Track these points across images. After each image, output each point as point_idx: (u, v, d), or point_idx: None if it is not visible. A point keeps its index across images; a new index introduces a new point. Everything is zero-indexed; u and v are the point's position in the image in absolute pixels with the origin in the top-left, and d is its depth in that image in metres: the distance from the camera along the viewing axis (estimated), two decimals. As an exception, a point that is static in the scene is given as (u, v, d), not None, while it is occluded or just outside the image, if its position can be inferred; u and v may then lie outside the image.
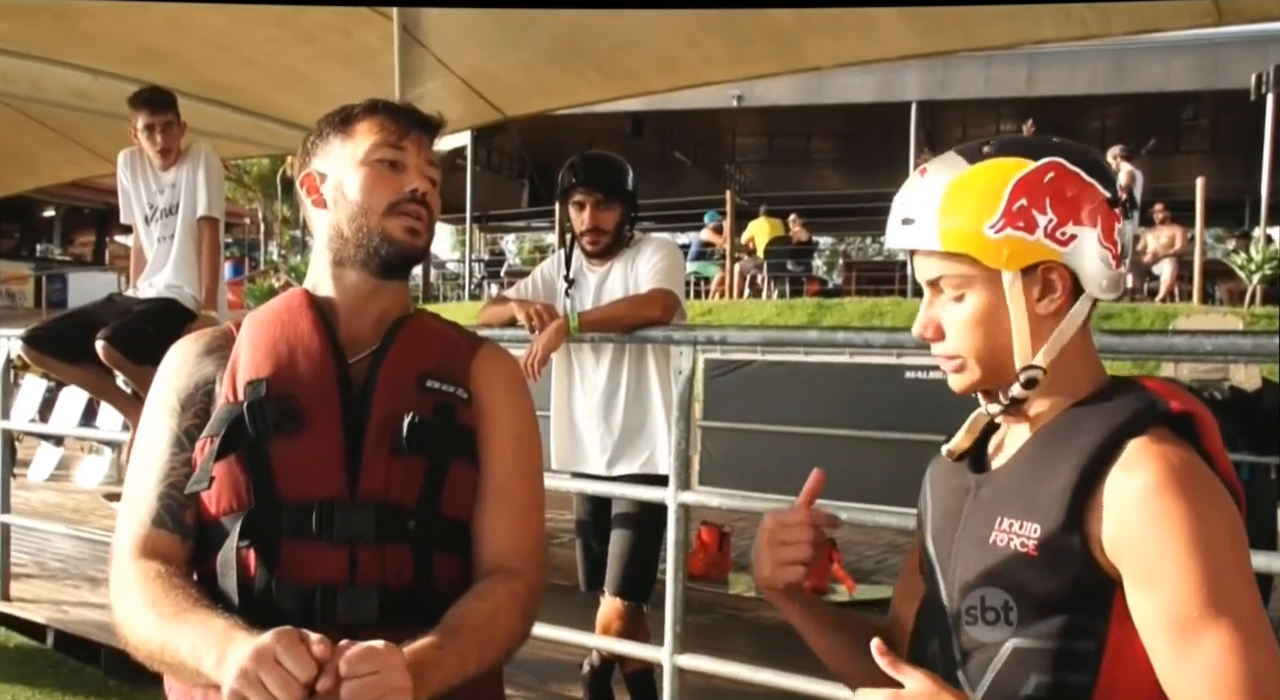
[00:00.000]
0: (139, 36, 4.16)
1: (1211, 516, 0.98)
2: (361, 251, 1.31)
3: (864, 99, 15.01)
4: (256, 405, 1.23)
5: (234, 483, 1.22)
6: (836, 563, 4.55)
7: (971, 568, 1.09)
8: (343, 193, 1.32)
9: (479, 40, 4.46)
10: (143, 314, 3.51)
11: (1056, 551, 1.03)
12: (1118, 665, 1.02)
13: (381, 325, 1.33)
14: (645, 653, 2.70)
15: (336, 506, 1.22)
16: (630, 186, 2.87)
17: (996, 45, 4.45)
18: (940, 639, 1.13)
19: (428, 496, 1.25)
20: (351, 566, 1.21)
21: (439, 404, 1.28)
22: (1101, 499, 1.02)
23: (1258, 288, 11.37)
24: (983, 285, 1.09)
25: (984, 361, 1.11)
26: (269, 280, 15.86)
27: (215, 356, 1.31)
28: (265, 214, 22.57)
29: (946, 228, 1.08)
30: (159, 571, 1.20)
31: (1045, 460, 1.07)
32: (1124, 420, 1.04)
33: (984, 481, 1.13)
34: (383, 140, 1.32)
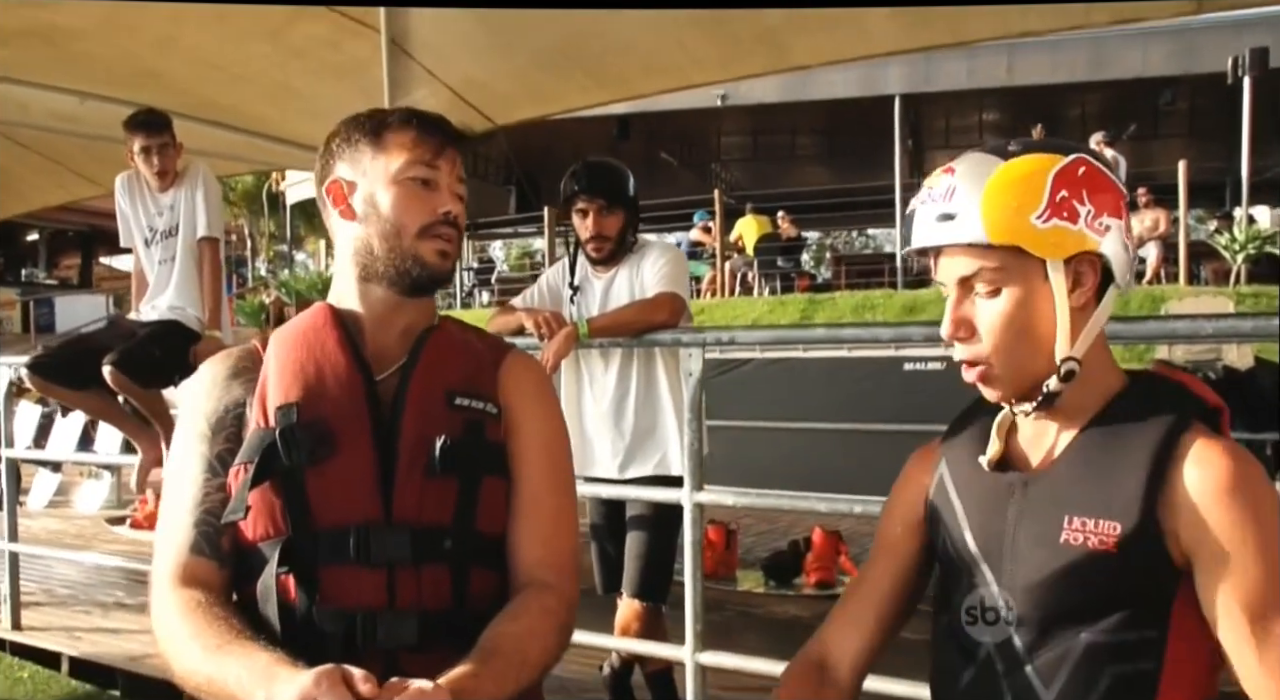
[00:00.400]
0: (128, 58, 4.16)
1: (1275, 510, 1.06)
2: (391, 270, 1.30)
3: (847, 94, 15.03)
4: (289, 432, 1.22)
5: (269, 510, 1.22)
6: (844, 556, 4.59)
7: (1040, 567, 1.11)
8: (375, 208, 1.31)
9: (467, 49, 4.47)
10: (147, 337, 3.51)
11: (1136, 547, 1.07)
12: (1181, 650, 1.07)
13: (407, 338, 1.32)
14: (667, 652, 2.73)
15: (372, 530, 1.22)
16: (632, 192, 2.90)
17: (982, 38, 4.48)
18: (997, 637, 1.14)
19: (462, 515, 1.25)
20: (390, 590, 1.21)
21: (469, 422, 1.28)
22: (1174, 495, 1.06)
23: (1242, 267, 11.46)
24: (1019, 279, 1.11)
25: (1015, 363, 1.13)
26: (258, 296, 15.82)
27: (243, 379, 1.31)
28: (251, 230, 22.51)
29: (993, 220, 1.09)
30: (200, 601, 1.20)
31: (1106, 459, 1.10)
32: (1177, 417, 1.10)
33: (1031, 481, 1.15)
34: (417, 157, 1.31)
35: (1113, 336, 2.15)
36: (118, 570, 4.84)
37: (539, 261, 19.23)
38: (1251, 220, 12.40)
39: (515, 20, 4.16)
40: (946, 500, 1.22)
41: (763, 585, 4.59)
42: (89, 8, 3.77)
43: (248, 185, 21.53)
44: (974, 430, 1.24)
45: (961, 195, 1.11)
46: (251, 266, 21.28)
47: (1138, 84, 14.76)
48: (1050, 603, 1.10)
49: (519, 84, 4.65)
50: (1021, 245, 1.09)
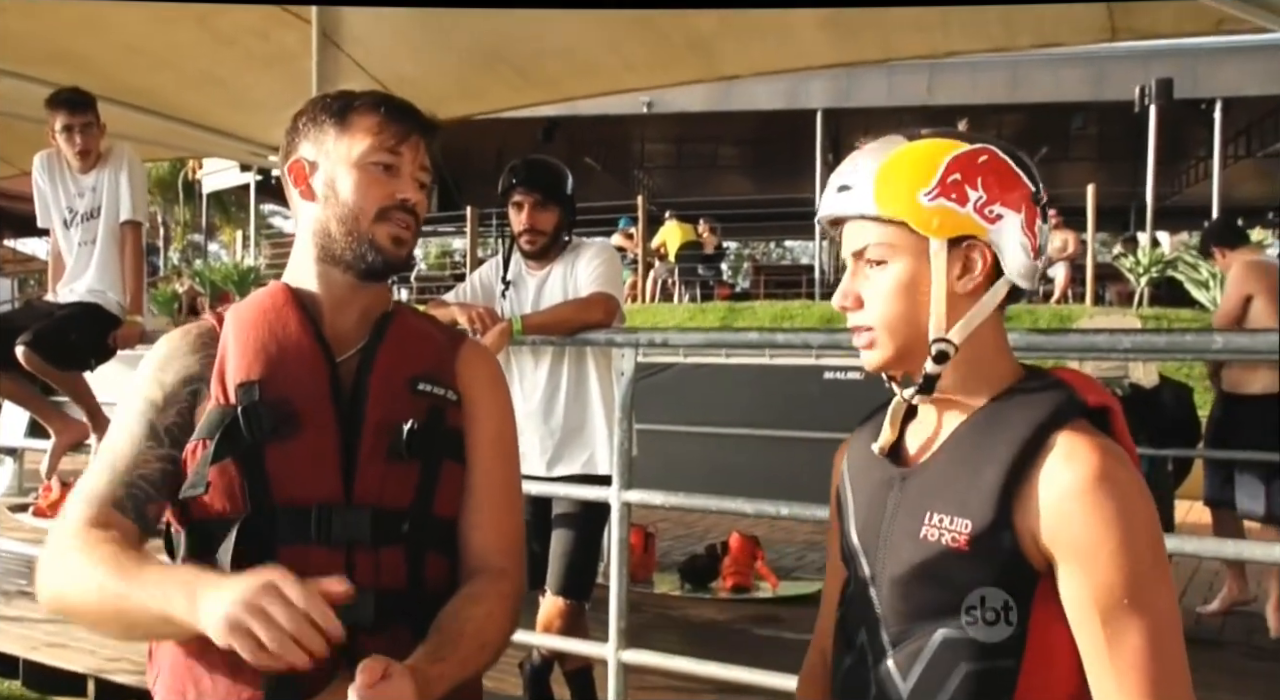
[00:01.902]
0: (49, 37, 4.05)
1: (1141, 509, 1.05)
2: (348, 253, 1.30)
3: (771, 106, 15.21)
4: (252, 409, 1.22)
5: (228, 486, 1.21)
6: (760, 561, 4.65)
7: (902, 561, 1.12)
8: (334, 190, 1.30)
9: (400, 44, 4.44)
10: (64, 319, 3.43)
11: (987, 545, 1.06)
12: (1041, 649, 1.07)
13: (365, 322, 1.32)
14: (590, 649, 2.75)
15: (334, 510, 1.22)
16: (569, 191, 2.92)
17: (910, 56, 4.59)
18: (868, 628, 1.16)
19: (421, 499, 1.26)
20: (349, 570, 1.20)
21: (431, 407, 1.29)
22: (1034, 492, 1.06)
23: (1145, 290, 11.85)
24: (907, 255, 1.12)
25: (895, 334, 1.14)
26: (171, 285, 15.43)
27: (200, 356, 1.29)
28: (165, 218, 21.98)
29: (882, 193, 1.12)
30: (113, 538, 1.17)
31: (972, 454, 1.11)
32: (1048, 414, 1.09)
33: (909, 475, 1.16)
34: (380, 143, 1.30)
35: (1033, 349, 2.25)
36: (19, 558, 4.69)
37: (459, 261, 19.08)
38: (1155, 244, 12.84)
39: (449, 17, 4.14)
40: (844, 492, 1.25)
41: (679, 588, 4.63)
42: (5, -18, 3.68)
43: (162, 173, 21.01)
44: (874, 424, 1.26)
45: (860, 169, 1.14)
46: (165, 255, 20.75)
47: (1051, 108, 15.19)
48: (910, 597, 1.11)
49: (451, 81, 4.63)
50: (905, 219, 1.11)
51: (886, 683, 1.13)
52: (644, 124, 17.24)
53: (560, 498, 2.82)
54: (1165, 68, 12.98)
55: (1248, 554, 3.18)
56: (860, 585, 1.19)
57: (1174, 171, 18.52)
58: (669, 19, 4.04)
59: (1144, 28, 3.89)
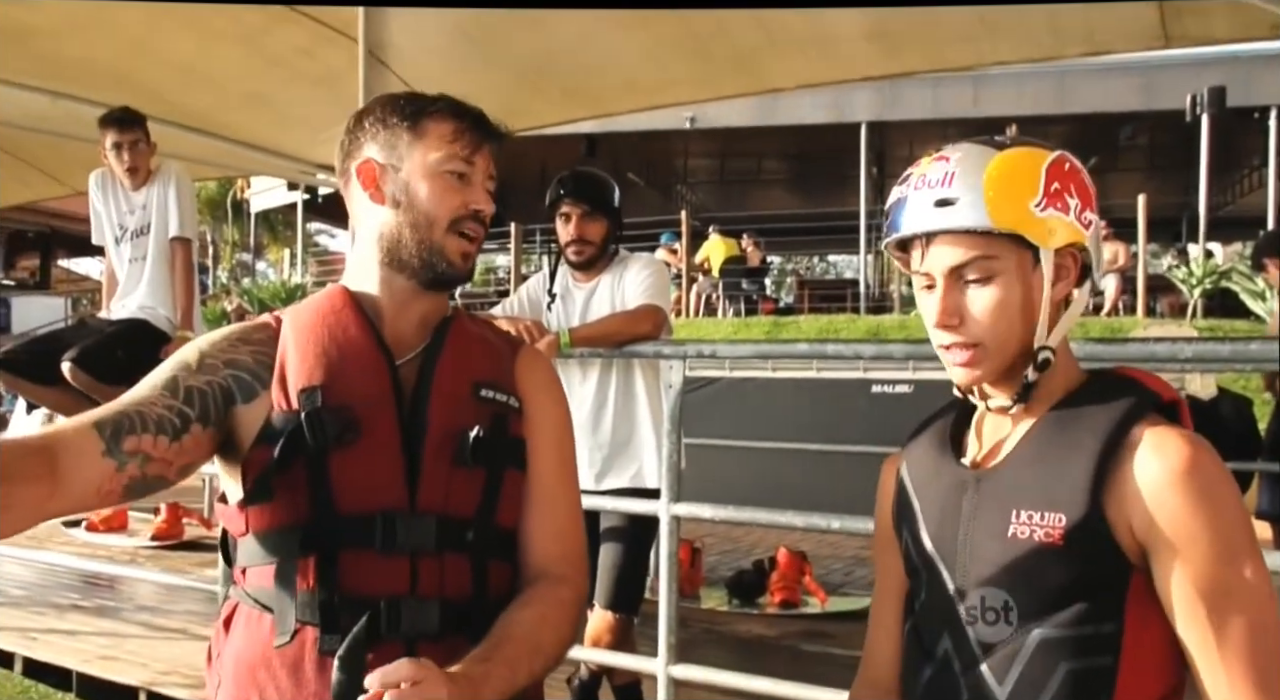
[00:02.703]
0: (102, 59, 4.13)
1: (1234, 498, 1.05)
2: (416, 261, 1.29)
3: (814, 120, 15.16)
4: (314, 415, 1.20)
5: (291, 493, 1.20)
6: (808, 576, 4.61)
7: (990, 562, 1.11)
8: (409, 196, 1.29)
9: (445, 62, 4.47)
10: (113, 335, 3.47)
11: (1082, 539, 1.06)
12: (1138, 645, 1.06)
13: (425, 327, 1.31)
14: (639, 664, 2.72)
15: (398, 517, 1.21)
16: (615, 203, 2.92)
17: (956, 67, 4.55)
18: (954, 636, 1.14)
19: (485, 507, 1.25)
20: (413, 578, 1.20)
21: (495, 414, 1.28)
22: (1126, 484, 1.06)
23: (1198, 301, 11.66)
24: (1011, 268, 1.11)
25: (1003, 348, 1.12)
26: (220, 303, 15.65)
27: (252, 348, 1.27)
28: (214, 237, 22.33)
29: (998, 206, 1.09)
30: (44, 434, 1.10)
31: (1054, 451, 1.10)
32: (1128, 408, 1.09)
33: (985, 476, 1.15)
34: (455, 151, 1.29)
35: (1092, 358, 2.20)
36: (73, 572, 4.77)
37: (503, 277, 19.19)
38: (1209, 255, 12.63)
39: (494, 34, 4.17)
40: (908, 502, 1.23)
41: (726, 604, 4.59)
42: (64, 8, 3.75)
43: (211, 192, 21.35)
44: (932, 432, 1.25)
45: (960, 181, 1.11)
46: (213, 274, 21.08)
47: (1099, 118, 15.04)
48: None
49: (496, 98, 4.57)
50: (1023, 232, 1.09)
51: (980, 689, 1.11)
52: (687, 139, 17.28)
53: (608, 511, 2.80)
54: (1217, 76, 12.81)
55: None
56: (939, 593, 1.16)
57: (1227, 181, 18.25)
58: (712, 33, 4.04)
59: (1198, 33, 3.82)
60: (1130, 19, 3.71)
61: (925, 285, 1.15)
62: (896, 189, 1.17)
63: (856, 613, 4.45)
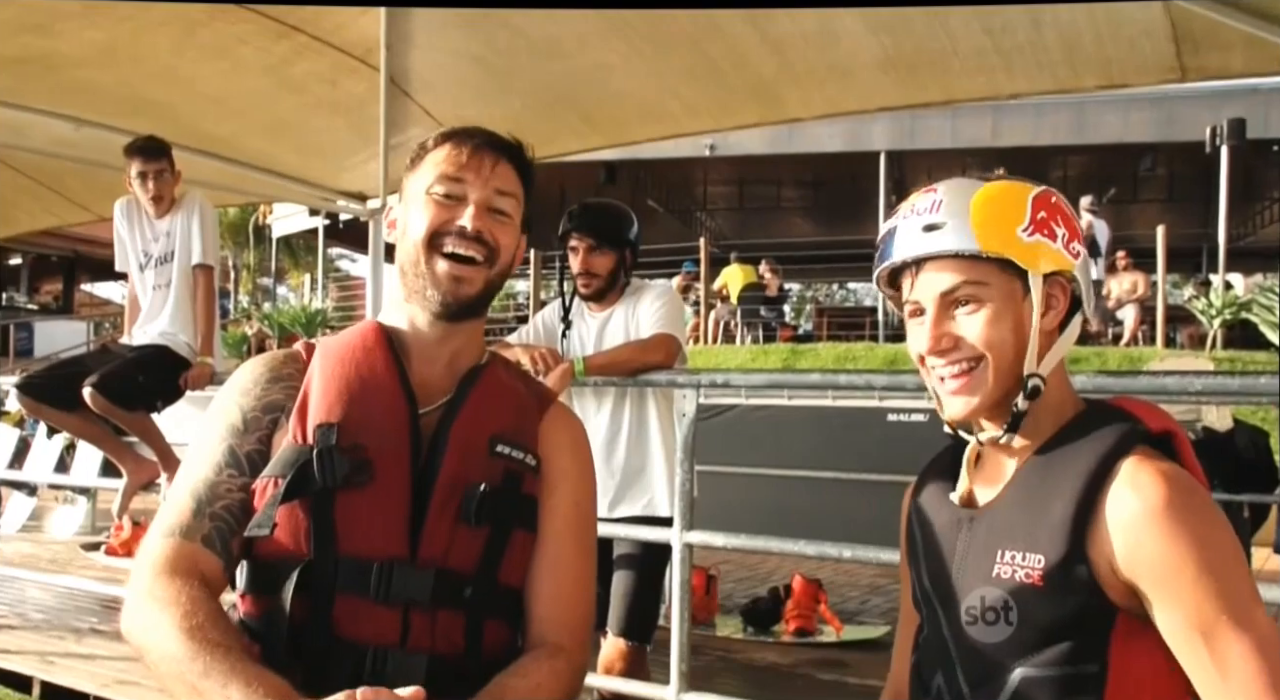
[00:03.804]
0: (127, 87, 4.20)
1: (1217, 527, 1.04)
2: (413, 289, 1.28)
3: (833, 148, 15.21)
4: (326, 453, 1.19)
5: (294, 529, 1.19)
6: (824, 604, 4.59)
7: (978, 600, 1.11)
8: (404, 225, 1.29)
9: (465, 90, 4.52)
10: (133, 361, 3.51)
11: (1062, 579, 1.06)
12: (1122, 686, 1.05)
13: (453, 372, 1.29)
14: (651, 692, 2.72)
15: (396, 567, 1.19)
16: (628, 235, 2.94)
17: (972, 98, 4.56)
18: (945, 672, 1.15)
19: (486, 565, 1.23)
20: (403, 630, 1.19)
21: (508, 471, 1.25)
22: (1104, 522, 1.05)
23: (1218, 332, 11.59)
24: (999, 294, 1.12)
25: (998, 366, 1.12)
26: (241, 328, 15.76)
27: (284, 384, 1.27)
28: (235, 262, 22.51)
29: (984, 229, 1.11)
30: (200, 595, 1.15)
31: (1039, 490, 1.10)
32: (1112, 444, 1.08)
33: (977, 516, 1.15)
34: (442, 172, 1.27)
35: (1101, 391, 2.21)
36: (92, 596, 4.78)
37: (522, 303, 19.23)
38: (1228, 286, 12.56)
39: (514, 63, 4.21)
40: (913, 539, 1.24)
41: (741, 631, 4.58)
42: (91, 36, 3.81)
43: (233, 218, 21.54)
44: (938, 468, 1.26)
45: (948, 207, 1.13)
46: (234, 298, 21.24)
47: (1119, 149, 15.00)
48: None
49: (515, 126, 4.57)
50: (1010, 255, 1.11)
51: None
52: (706, 166, 17.33)
53: (621, 539, 2.81)
54: (1237, 108, 12.78)
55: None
56: (935, 629, 1.18)
57: (1247, 213, 18.16)
58: (731, 63, 4.07)
59: (1214, 68, 3.83)
60: (1147, 52, 3.73)
61: (913, 313, 1.16)
62: (887, 222, 1.18)
63: (872, 642, 4.43)
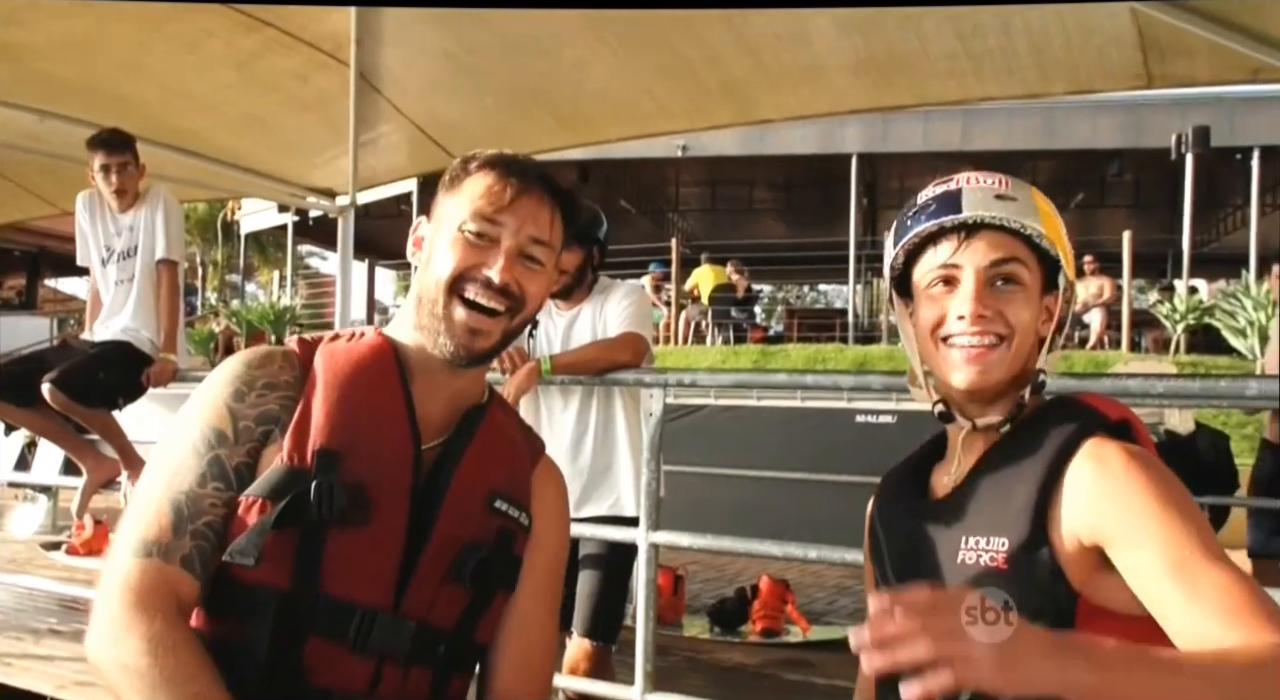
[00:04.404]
0: (93, 79, 4.15)
1: (1179, 486, 1.05)
2: (426, 330, 1.20)
3: (805, 150, 15.24)
4: (326, 485, 1.10)
5: (277, 560, 1.11)
6: (791, 605, 4.59)
7: (941, 588, 1.09)
8: (430, 256, 1.20)
9: (436, 87, 4.51)
10: (94, 357, 3.45)
11: (1025, 562, 1.06)
12: None
13: (454, 408, 1.23)
14: (616, 692, 2.71)
15: (378, 618, 1.13)
16: (596, 232, 2.93)
17: (943, 101, 4.58)
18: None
19: (464, 624, 1.20)
20: (374, 681, 1.14)
21: (502, 530, 1.21)
22: (1065, 496, 1.06)
23: (1181, 337, 11.73)
24: (1034, 282, 1.15)
25: (1020, 352, 1.14)
26: (208, 325, 15.62)
27: (281, 394, 1.17)
28: (203, 258, 22.31)
29: (1048, 219, 1.14)
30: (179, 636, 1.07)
31: (1002, 476, 1.11)
32: (1073, 429, 1.10)
33: (940, 505, 1.16)
34: (478, 209, 1.18)
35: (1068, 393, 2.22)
36: (51, 596, 4.72)
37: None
38: (1193, 291, 12.72)
39: (485, 61, 4.20)
40: (876, 536, 1.24)
41: (708, 632, 4.57)
42: (57, 27, 3.76)
43: (201, 213, 21.35)
44: (904, 467, 1.26)
45: (1016, 187, 1.15)
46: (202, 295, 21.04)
47: (1087, 155, 15.14)
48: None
49: (486, 124, 4.68)
50: (1059, 249, 1.15)
51: None
52: (678, 167, 17.33)
53: (587, 539, 2.80)
54: (1202, 116, 12.93)
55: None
56: None
57: (1211, 219, 18.37)
58: (704, 63, 4.08)
59: (1180, 75, 3.87)
60: (1114, 59, 3.77)
61: (941, 280, 1.15)
62: (936, 187, 1.18)
63: (839, 642, 4.42)
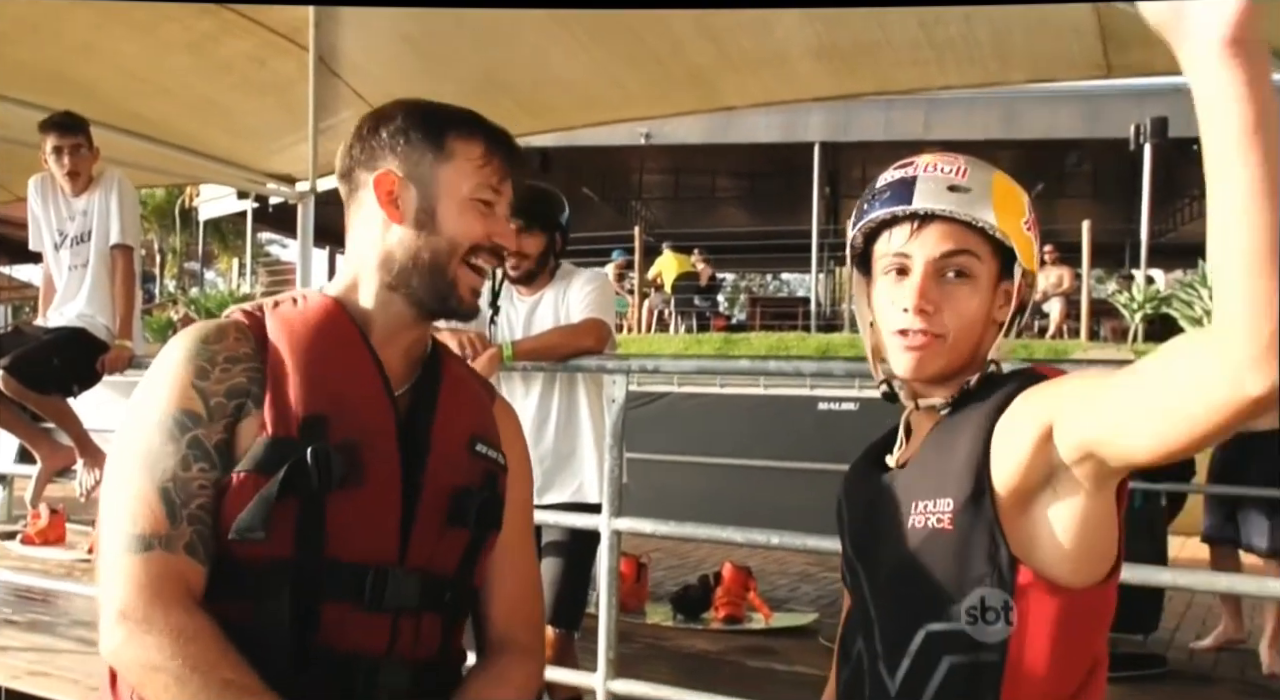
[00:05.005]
0: (46, 63, 4.07)
1: None
2: (426, 289, 1.21)
3: (768, 139, 15.27)
4: (321, 452, 1.11)
5: (281, 532, 1.10)
6: (753, 592, 4.62)
7: (892, 556, 1.12)
8: (433, 218, 1.20)
9: (396, 72, 4.46)
10: (48, 343, 3.39)
11: (970, 520, 1.06)
12: (1024, 648, 1.06)
13: (409, 361, 1.24)
14: (578, 680, 2.71)
15: (390, 573, 1.15)
16: (558, 218, 2.91)
17: (905, 89, 4.60)
18: (864, 635, 1.15)
19: (464, 567, 1.22)
20: (392, 637, 1.15)
21: (487, 472, 1.24)
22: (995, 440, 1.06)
23: (1139, 326, 11.88)
24: (986, 273, 1.14)
25: (958, 349, 1.14)
26: (167, 312, 15.41)
27: (245, 366, 1.15)
28: (161, 246, 22.01)
29: (1003, 209, 1.13)
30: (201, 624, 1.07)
31: (946, 441, 1.12)
32: (1012, 388, 1.10)
33: (894, 476, 1.17)
34: (485, 180, 1.22)
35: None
36: (6, 586, 4.66)
37: (455, 289, 19.08)
38: (1150, 281, 12.87)
39: (446, 46, 4.16)
40: (841, 519, 1.25)
41: (671, 619, 4.59)
42: (7, 9, 3.69)
43: (159, 200, 21.06)
44: (868, 450, 1.27)
45: (973, 177, 1.14)
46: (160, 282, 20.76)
47: (1047, 145, 15.27)
48: (900, 592, 1.11)
49: None
50: (1013, 242, 1.14)
51: (878, 686, 1.12)
52: (642, 155, 17.30)
53: (550, 526, 2.79)
54: (1160, 107, 13.05)
55: (1240, 588, 3.17)
56: (858, 595, 1.18)
57: (1168, 209, 18.59)
58: (667, 50, 4.07)
59: (1138, 65, 3.91)
60: (1075, 48, 3.80)
61: (895, 268, 1.15)
62: (895, 172, 1.17)
63: (801, 629, 4.47)
